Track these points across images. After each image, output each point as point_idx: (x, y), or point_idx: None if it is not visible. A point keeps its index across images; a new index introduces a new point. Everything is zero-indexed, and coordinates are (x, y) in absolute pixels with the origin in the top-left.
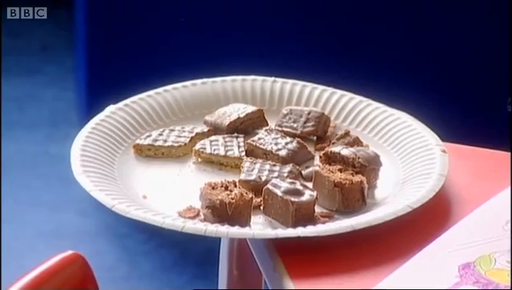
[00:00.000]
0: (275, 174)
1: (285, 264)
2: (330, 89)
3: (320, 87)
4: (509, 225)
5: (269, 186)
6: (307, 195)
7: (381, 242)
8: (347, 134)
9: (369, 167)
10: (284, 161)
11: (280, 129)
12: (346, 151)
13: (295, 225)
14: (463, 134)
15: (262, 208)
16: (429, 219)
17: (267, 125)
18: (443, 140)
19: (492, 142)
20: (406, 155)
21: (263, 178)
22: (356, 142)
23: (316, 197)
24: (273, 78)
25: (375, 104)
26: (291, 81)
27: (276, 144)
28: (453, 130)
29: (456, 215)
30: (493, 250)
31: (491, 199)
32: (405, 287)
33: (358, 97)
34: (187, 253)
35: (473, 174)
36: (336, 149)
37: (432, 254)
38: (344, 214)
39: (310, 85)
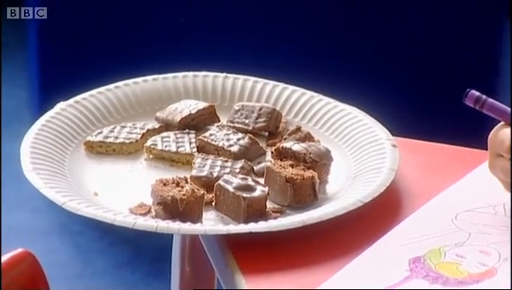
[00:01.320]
0: (227, 170)
1: (237, 260)
2: (281, 85)
3: (272, 82)
4: (461, 218)
5: (220, 182)
6: (259, 190)
7: (332, 236)
8: (298, 129)
9: (320, 162)
10: (236, 157)
11: (232, 125)
12: (297, 147)
13: (246, 221)
14: (413, 128)
15: (213, 204)
16: (380, 213)
17: (219, 121)
18: (393, 135)
19: (441, 136)
20: (357, 149)
21: (215, 174)
22: (307, 137)
23: (268, 193)
24: (224, 74)
25: (326, 99)
26: (242, 77)
27: (228, 140)
28: (403, 125)
29: (407, 209)
30: (442, 243)
31: (441, 193)
32: (355, 282)
33: (309, 93)
34: (140, 250)
35: (423, 168)
36: (287, 144)
37: (383, 248)
38: (296, 209)
39: (261, 81)
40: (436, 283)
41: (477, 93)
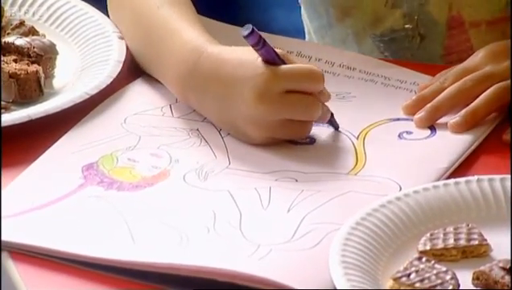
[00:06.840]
0: None
1: None
2: None
3: None
4: (130, 121)
5: None
6: None
7: (61, 131)
8: (22, 23)
9: (45, 56)
10: None
11: None
12: (20, 41)
13: None
14: None
15: None
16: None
17: None
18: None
19: None
20: (84, 42)
21: None
22: (31, 31)
23: None
24: None
25: None
26: None
27: None
28: None
29: None
30: (114, 148)
31: (109, 97)
32: (29, 192)
33: None
34: None
35: None
36: (10, 39)
37: (54, 157)
38: (22, 105)
39: None
40: (111, 189)
41: (259, 34)
